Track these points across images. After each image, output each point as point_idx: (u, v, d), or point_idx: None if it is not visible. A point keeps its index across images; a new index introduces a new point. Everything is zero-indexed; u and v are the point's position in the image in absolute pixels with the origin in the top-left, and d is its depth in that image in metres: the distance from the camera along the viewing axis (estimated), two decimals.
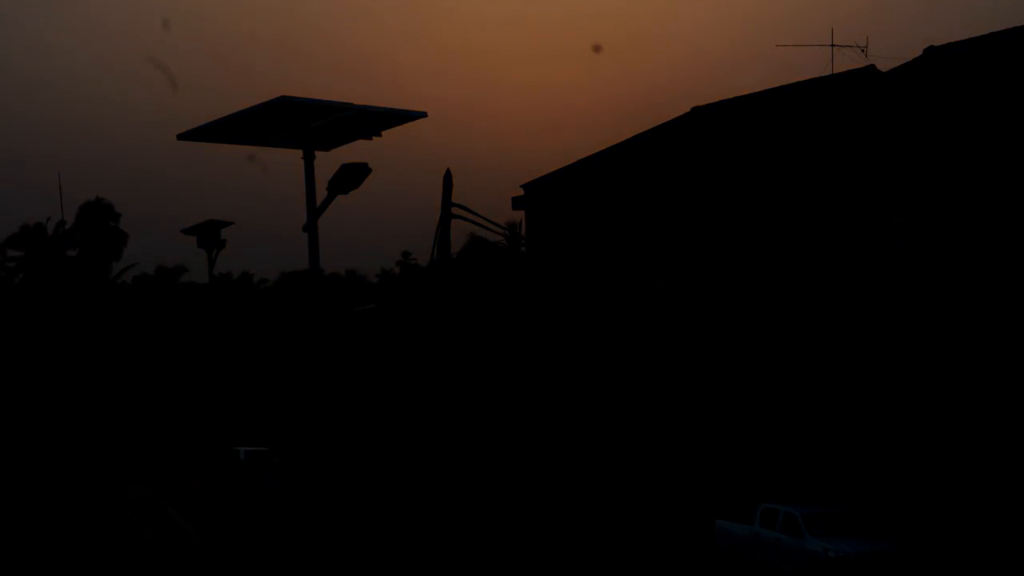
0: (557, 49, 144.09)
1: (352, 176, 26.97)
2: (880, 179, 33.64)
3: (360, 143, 28.73)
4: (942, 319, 31.88)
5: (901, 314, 32.88)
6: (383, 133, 28.58)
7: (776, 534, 30.22)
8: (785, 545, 29.81)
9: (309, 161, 27.63)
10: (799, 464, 34.36)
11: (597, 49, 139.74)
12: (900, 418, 32.54)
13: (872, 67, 39.19)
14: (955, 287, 31.66)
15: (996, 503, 29.99)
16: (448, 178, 45.60)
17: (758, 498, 32.18)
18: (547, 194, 44.86)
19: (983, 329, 31.01)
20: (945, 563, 28.95)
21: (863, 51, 42.47)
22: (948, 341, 31.68)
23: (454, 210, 45.77)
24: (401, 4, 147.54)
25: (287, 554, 31.75)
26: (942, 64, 36.06)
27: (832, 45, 41.68)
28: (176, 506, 39.02)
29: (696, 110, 43.67)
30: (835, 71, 40.82)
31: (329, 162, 28.06)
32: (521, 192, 45.85)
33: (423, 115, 27.90)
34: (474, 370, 47.53)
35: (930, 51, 37.16)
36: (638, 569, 31.04)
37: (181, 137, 27.79)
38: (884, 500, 31.85)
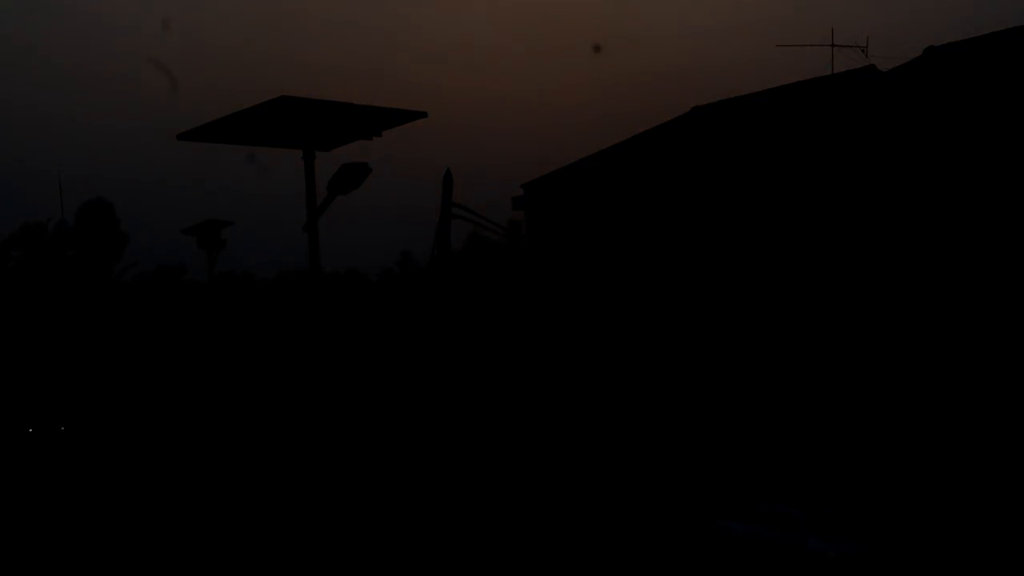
0: (557, 49, 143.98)
1: (352, 176, 27.02)
2: (880, 179, 33.63)
3: (360, 143, 28.77)
4: (942, 319, 31.88)
5: (901, 315, 32.88)
6: (383, 133, 28.62)
7: (776, 534, 30.22)
8: (785, 545, 29.80)
9: (309, 161, 27.66)
10: (799, 464, 34.36)
11: (597, 49, 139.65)
12: (899, 419, 32.54)
13: (872, 67, 39.21)
14: (955, 287, 31.66)
15: (994, 502, 30.00)
16: (448, 178, 45.55)
17: (758, 498, 32.18)
18: (547, 194, 44.86)
19: (984, 329, 31.01)
20: (943, 563, 28.93)
21: (863, 51, 42.50)
22: (948, 341, 31.68)
23: (454, 210, 45.75)
24: (402, 4, 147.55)
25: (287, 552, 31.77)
26: (942, 64, 36.07)
27: (832, 45, 41.75)
28: None
29: (696, 110, 43.68)
30: (835, 71, 40.87)
31: (329, 162, 28.10)
32: (521, 192, 45.86)
33: (423, 115, 27.93)
34: (471, 370, 47.53)
35: (930, 51, 37.18)
36: (638, 569, 31.01)
37: (181, 137, 27.81)
38: (883, 500, 31.85)
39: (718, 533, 32.17)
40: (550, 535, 34.12)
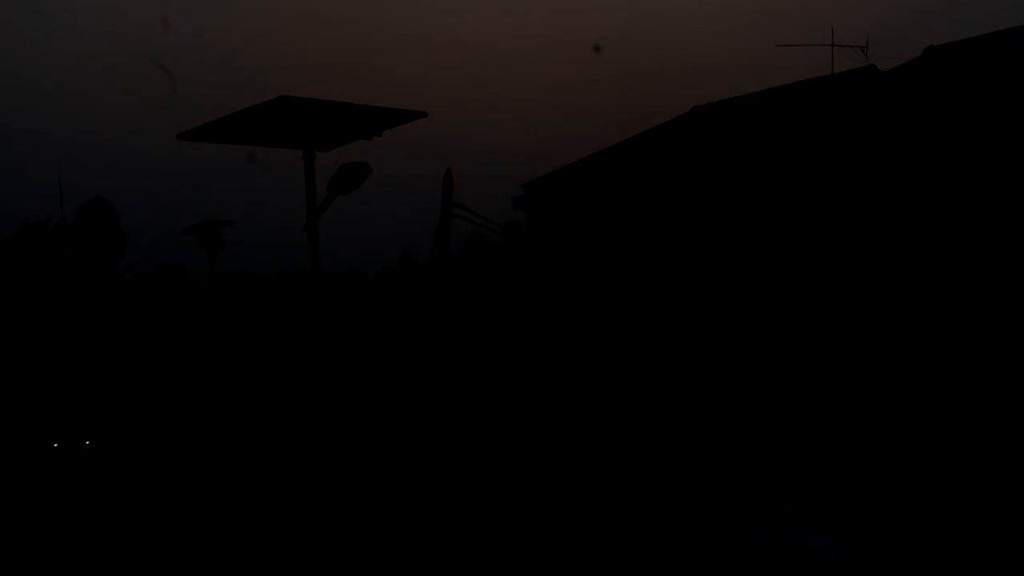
0: (557, 49, 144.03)
1: (352, 176, 27.07)
2: (880, 178, 33.63)
3: (360, 143, 28.82)
4: (942, 320, 31.87)
5: (901, 315, 32.88)
6: (383, 133, 28.67)
7: (776, 534, 30.21)
8: (785, 545, 29.79)
9: (309, 161, 27.70)
10: (799, 464, 34.36)
11: (597, 49, 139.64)
12: (900, 418, 32.54)
13: (872, 67, 39.21)
14: (954, 287, 31.65)
15: (995, 502, 30.00)
16: (448, 178, 45.61)
17: (758, 498, 32.18)
18: (547, 194, 44.86)
19: (984, 329, 31.00)
20: (944, 562, 28.95)
21: (863, 51, 42.49)
22: (948, 341, 31.67)
23: (454, 209, 45.81)
24: (401, 4, 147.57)
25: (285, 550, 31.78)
26: (942, 64, 36.07)
27: (832, 45, 41.73)
28: None
29: (696, 110, 43.68)
30: (835, 71, 40.86)
31: (329, 162, 28.15)
32: (521, 192, 45.87)
33: (423, 115, 27.98)
34: (471, 370, 47.52)
35: (930, 51, 37.17)
36: (638, 569, 31.01)
37: (181, 137, 27.85)
38: (884, 500, 31.86)
39: (718, 533, 32.17)
40: (550, 535, 34.13)
